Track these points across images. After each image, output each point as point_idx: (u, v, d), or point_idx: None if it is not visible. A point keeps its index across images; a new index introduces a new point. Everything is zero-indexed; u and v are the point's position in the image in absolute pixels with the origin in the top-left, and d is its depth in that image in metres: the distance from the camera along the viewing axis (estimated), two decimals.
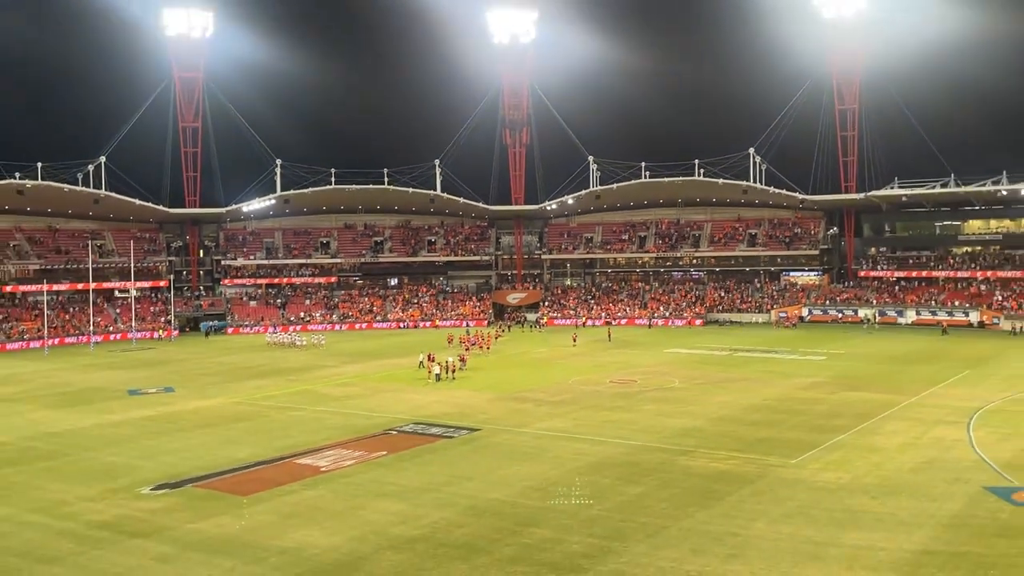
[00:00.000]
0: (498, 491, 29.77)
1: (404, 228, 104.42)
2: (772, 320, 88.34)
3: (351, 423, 41.51)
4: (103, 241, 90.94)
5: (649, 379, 54.36)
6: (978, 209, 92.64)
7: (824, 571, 22.23)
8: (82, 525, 26.78)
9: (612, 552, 23.71)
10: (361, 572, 22.66)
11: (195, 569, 23.00)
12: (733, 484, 30.40)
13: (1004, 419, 40.71)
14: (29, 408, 47.15)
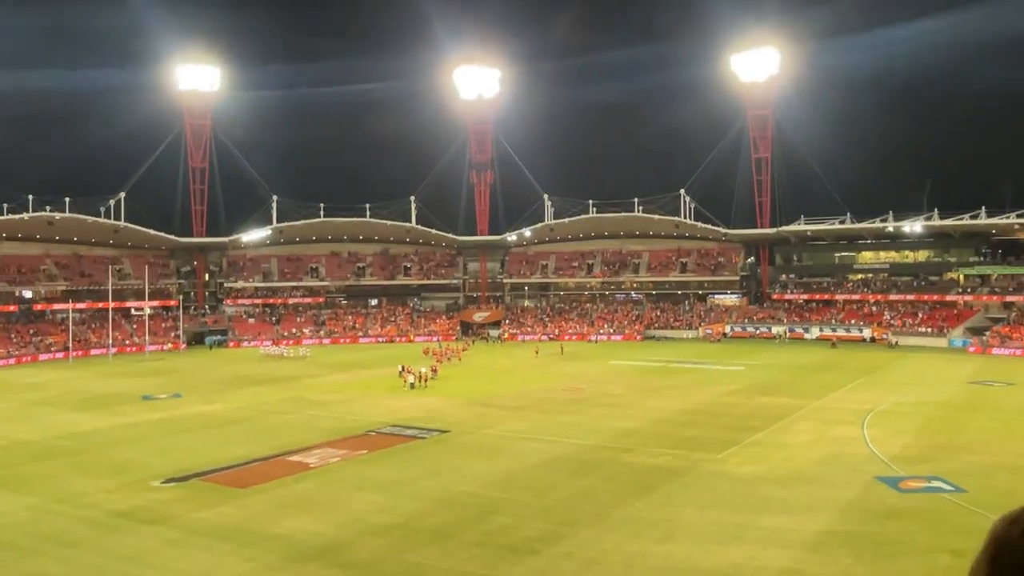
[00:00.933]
0: (464, 484, 29.82)
1: (383, 255, 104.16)
2: (700, 335, 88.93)
3: (336, 425, 41.26)
4: (121, 266, 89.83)
5: (596, 387, 54.56)
6: (870, 242, 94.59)
7: (744, 550, 22.51)
8: (100, 513, 26.56)
9: (563, 536, 23.85)
10: (345, 555, 22.59)
11: (199, 552, 22.84)
12: (667, 477, 30.69)
13: (892, 419, 41.35)
14: (55, 411, 46.51)
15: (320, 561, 22.11)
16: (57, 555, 22.71)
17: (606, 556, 22.20)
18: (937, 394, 49.91)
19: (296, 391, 53.61)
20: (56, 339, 78.12)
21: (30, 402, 50.02)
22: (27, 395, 52.97)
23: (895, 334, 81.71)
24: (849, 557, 21.88)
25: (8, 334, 77.36)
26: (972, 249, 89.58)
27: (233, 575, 21.24)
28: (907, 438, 36.96)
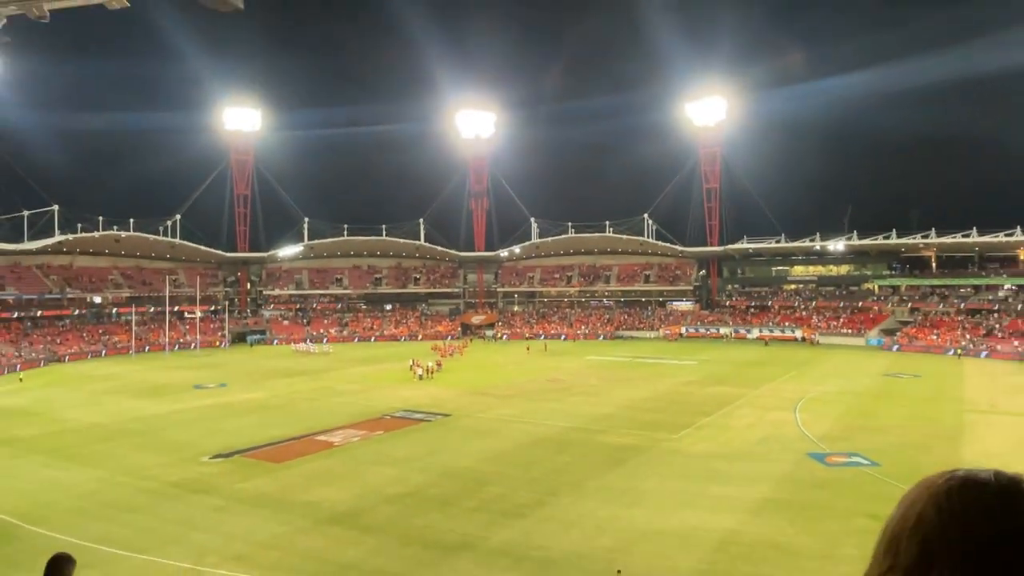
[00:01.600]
0: (464, 460, 29.86)
1: (397, 268, 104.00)
2: (660, 335, 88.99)
3: (356, 410, 41.20)
4: (177, 276, 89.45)
5: (574, 378, 54.69)
6: (800, 258, 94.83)
7: (696, 514, 22.62)
8: (157, 484, 26.52)
9: (546, 503, 23.93)
10: (364, 519, 22.61)
11: (240, 517, 22.81)
12: (633, 453, 30.78)
13: (819, 405, 41.56)
14: (120, 398, 46.29)
15: (343, 524, 22.12)
16: (120, 519, 22.65)
17: (582, 519, 22.28)
18: (856, 384, 50.23)
19: (323, 382, 53.53)
20: (121, 337, 77.77)
21: (99, 391, 49.76)
22: (96, 385, 52.71)
23: (821, 335, 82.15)
24: (784, 520, 22.02)
25: (81, 333, 77.02)
26: (885, 264, 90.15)
27: (270, 536, 21.20)
28: (831, 421, 37.18)
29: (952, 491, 1.04)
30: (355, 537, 21.08)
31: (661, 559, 19.13)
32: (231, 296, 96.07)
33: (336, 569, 18.80)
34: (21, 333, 72.40)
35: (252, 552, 19.93)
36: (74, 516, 22.82)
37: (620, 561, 18.15)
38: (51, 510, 23.42)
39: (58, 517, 22.66)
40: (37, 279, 79.39)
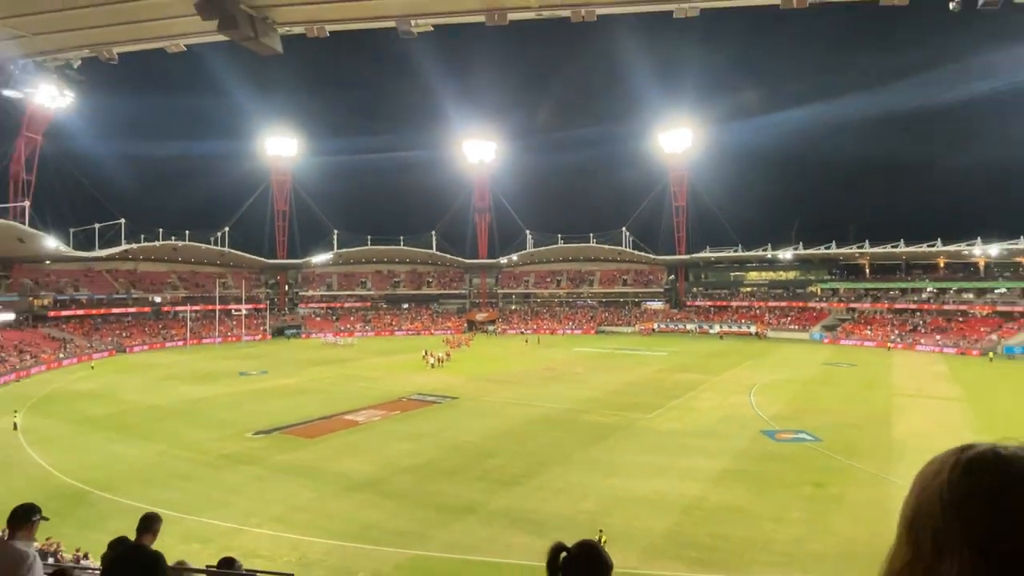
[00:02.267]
0: (469, 436, 29.82)
1: (412, 273, 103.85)
2: (636, 330, 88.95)
3: (378, 393, 41.14)
4: (225, 279, 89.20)
5: (563, 367, 54.72)
6: (754, 265, 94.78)
7: (667, 482, 22.63)
8: (209, 456, 26.50)
9: (539, 473, 23.93)
10: (384, 486, 22.61)
11: (279, 484, 22.79)
12: (613, 431, 30.79)
13: (770, 390, 41.60)
14: (176, 383, 46.12)
15: (366, 491, 22.10)
16: (177, 486, 22.61)
17: (569, 487, 22.28)
18: (801, 373, 50.29)
19: (349, 370, 53.43)
20: (177, 332, 77.54)
21: (157, 377, 49.62)
22: (155, 372, 52.54)
23: (772, 330, 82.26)
24: (741, 488, 22.04)
25: (143, 328, 76.80)
26: (826, 270, 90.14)
27: (304, 500, 21.18)
28: (781, 403, 37.20)
29: (954, 480, 0.89)
30: (376, 501, 21.06)
31: (637, 520, 19.13)
32: (272, 296, 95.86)
33: (360, 528, 18.76)
34: (92, 328, 72.24)
35: (288, 514, 19.92)
36: (137, 484, 22.79)
37: (601, 522, 18.13)
38: (117, 479, 23.40)
39: (123, 485, 22.64)
40: (107, 282, 79.26)
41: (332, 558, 16.85)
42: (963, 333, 68.47)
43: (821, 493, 21.45)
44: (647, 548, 17.24)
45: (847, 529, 18.03)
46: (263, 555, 16.74)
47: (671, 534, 18.22)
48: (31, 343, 60.65)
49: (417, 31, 6.70)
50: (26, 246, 62.45)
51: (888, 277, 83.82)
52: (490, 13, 6.39)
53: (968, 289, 75.15)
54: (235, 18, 5.85)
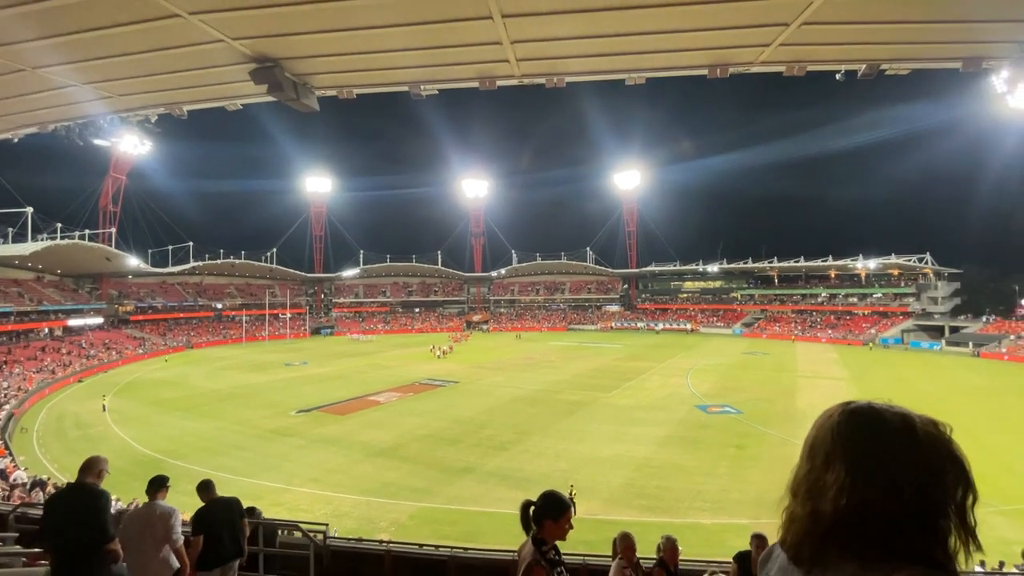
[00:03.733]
0: (468, 411, 29.61)
1: (422, 284, 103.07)
2: (598, 328, 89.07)
3: (395, 379, 40.80)
4: (273, 289, 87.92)
5: (540, 356, 54.65)
6: (690, 276, 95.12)
7: (623, 446, 22.59)
8: (259, 431, 25.98)
9: (522, 441, 23.79)
10: (400, 452, 22.34)
11: (317, 451, 22.44)
12: (580, 407, 30.72)
13: (703, 373, 41.88)
14: (233, 372, 45.36)
15: (386, 456, 21.84)
16: (234, 455, 22.19)
17: (546, 451, 22.19)
18: (726, 360, 50.65)
19: (372, 360, 52.97)
20: (234, 331, 76.27)
21: (218, 367, 48.80)
22: (216, 363, 51.70)
23: (703, 327, 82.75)
24: (680, 449, 22.09)
25: (207, 328, 75.48)
26: (744, 280, 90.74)
27: (336, 463, 20.88)
28: (711, 383, 37.42)
29: (842, 420, 1.09)
30: (394, 464, 20.82)
31: (599, 476, 19.09)
32: (310, 303, 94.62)
33: (380, 486, 18.53)
34: (166, 328, 70.90)
35: (324, 476, 19.62)
36: (201, 453, 22.35)
37: (572, 478, 18.08)
38: (186, 449, 22.93)
39: (191, 454, 22.19)
40: (177, 292, 77.90)
41: (359, 510, 16.61)
42: (849, 328, 69.43)
43: (741, 453, 21.58)
44: (607, 498, 17.20)
45: (761, 481, 18.13)
46: (303, 509, 16.46)
47: (626, 487, 18.21)
48: (116, 341, 59.41)
49: (425, 94, 6.72)
50: (112, 264, 61.45)
51: (792, 285, 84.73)
52: (482, 80, 6.43)
53: (853, 294, 76.15)
54: (281, 84, 5.83)
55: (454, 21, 4.93)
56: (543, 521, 2.30)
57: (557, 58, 5.97)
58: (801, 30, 5.03)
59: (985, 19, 5.00)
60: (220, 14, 4.73)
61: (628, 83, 6.50)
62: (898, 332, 64.19)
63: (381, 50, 5.69)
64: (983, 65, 5.82)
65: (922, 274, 68.50)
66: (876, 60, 5.90)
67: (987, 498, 16.46)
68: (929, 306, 66.62)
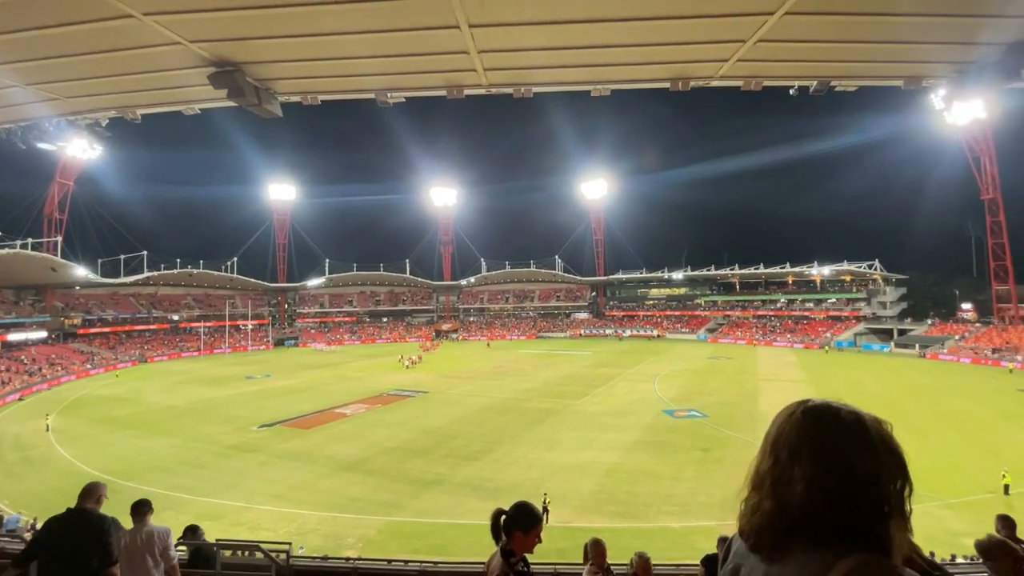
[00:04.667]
0: (437, 422, 29.22)
1: (390, 293, 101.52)
2: (568, 335, 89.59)
3: (363, 390, 39.92)
4: (234, 300, 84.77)
5: (510, 365, 54.56)
6: (655, 284, 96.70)
7: (593, 453, 22.72)
8: (218, 447, 24.90)
9: (493, 450, 23.63)
10: (367, 465, 21.84)
11: (279, 467, 21.70)
12: (550, 414, 30.76)
13: (669, 378, 42.61)
14: (190, 387, 43.37)
15: (352, 470, 21.30)
16: (191, 473, 21.19)
17: (517, 460, 22.11)
18: (692, 364, 51.71)
19: (338, 371, 51.70)
20: (192, 344, 73.16)
21: (174, 382, 46.62)
22: (172, 378, 49.38)
23: (669, 333, 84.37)
24: (648, 454, 22.38)
25: (162, 341, 72.15)
26: (708, 287, 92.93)
27: (301, 479, 20.22)
28: (677, 388, 38.10)
29: (805, 418, 1.17)
30: (361, 478, 20.31)
31: (570, 484, 19.13)
32: (274, 313, 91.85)
33: (347, 501, 18.03)
34: (117, 342, 67.35)
35: (287, 492, 18.96)
36: (156, 472, 21.24)
37: (544, 487, 18.04)
38: (138, 469, 21.74)
39: (144, 474, 21.05)
40: (130, 304, 74.24)
41: (325, 527, 16.10)
42: (806, 332, 72.15)
43: (707, 456, 22.02)
44: (578, 505, 17.23)
45: (726, 483, 18.51)
46: (266, 527, 15.84)
47: (596, 493, 18.30)
48: (61, 356, 56.03)
49: (392, 101, 6.67)
50: (58, 274, 58.02)
51: (752, 291, 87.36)
52: (450, 88, 6.43)
53: (809, 300, 79.22)
54: (242, 89, 5.67)
55: (421, 29, 4.92)
56: (513, 532, 2.28)
57: (524, 68, 6.03)
58: (757, 47, 5.25)
59: (924, 41, 5.34)
60: (177, 16, 4.57)
61: (594, 94, 6.63)
62: (851, 335, 67.09)
63: (346, 56, 5.62)
64: (923, 84, 6.20)
65: (872, 280, 72.00)
66: (826, 77, 6.22)
67: (935, 493, 17.34)
68: (879, 310, 70.06)
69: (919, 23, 4.88)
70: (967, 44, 5.28)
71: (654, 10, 4.65)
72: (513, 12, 4.65)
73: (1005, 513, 5.16)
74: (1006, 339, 53.79)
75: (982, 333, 57.04)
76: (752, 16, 4.69)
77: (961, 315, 65.56)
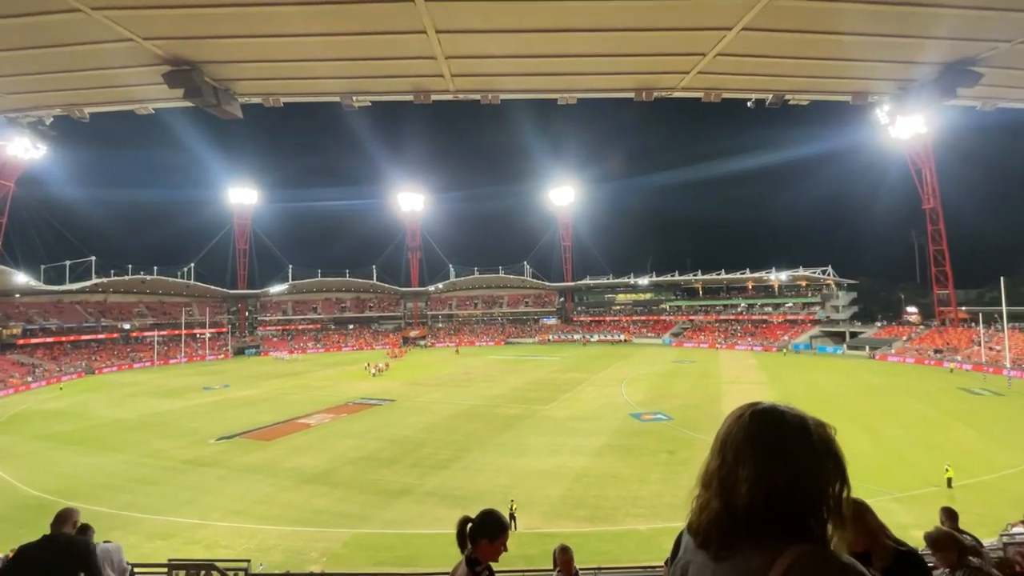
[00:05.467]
0: (405, 431, 28.78)
1: (356, 299, 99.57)
2: (536, 341, 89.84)
3: (327, 399, 38.92)
4: (191, 308, 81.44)
5: (479, 371, 54.28)
6: (622, 289, 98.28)
7: (562, 458, 22.80)
8: (172, 462, 23.77)
9: (462, 458, 23.43)
10: (332, 477, 21.30)
11: (239, 482, 20.89)
12: (519, 420, 30.75)
13: (636, 382, 43.27)
14: (143, 399, 41.25)
15: (316, 482, 20.71)
16: (142, 491, 20.12)
17: (486, 467, 21.98)
18: (658, 368, 52.69)
19: (302, 380, 50.25)
20: (145, 354, 69.71)
21: (125, 395, 44.27)
22: (123, 390, 46.89)
23: (635, 338, 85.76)
24: (616, 458, 22.64)
25: (112, 352, 68.50)
26: (672, 292, 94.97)
27: (261, 493, 19.51)
28: (643, 392, 38.74)
29: (753, 420, 1.22)
30: (325, 490, 19.76)
31: (539, 489, 19.14)
32: (233, 321, 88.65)
33: (310, 514, 17.49)
34: (62, 353, 63.50)
35: (247, 507, 18.24)
36: (103, 491, 20.06)
37: (512, 493, 17.98)
38: (83, 487, 20.49)
39: (90, 492, 19.85)
40: (76, 312, 70.18)
41: (287, 542, 15.56)
42: (765, 336, 74.74)
43: (673, 458, 22.42)
44: (547, 511, 17.25)
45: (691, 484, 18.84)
46: (223, 545, 15.18)
47: (565, 498, 18.37)
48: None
49: (358, 105, 6.57)
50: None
51: (715, 296, 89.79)
52: (417, 93, 6.39)
53: (768, 304, 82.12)
54: (200, 89, 5.47)
55: (387, 33, 4.88)
56: (479, 541, 2.26)
57: (491, 75, 6.06)
58: (716, 60, 5.44)
59: (869, 59, 5.65)
60: (129, 11, 4.38)
61: (560, 103, 6.71)
62: (807, 338, 69.89)
63: (309, 59, 5.51)
64: (869, 99, 6.57)
65: (825, 285, 75.31)
66: (781, 91, 6.50)
67: (886, 488, 18.18)
68: (832, 313, 73.29)
69: (864, 42, 5.17)
70: (908, 63, 5.62)
71: (618, 22, 4.76)
72: (480, 19, 4.68)
73: (948, 506, 5.46)
74: (946, 340, 57.14)
75: (925, 335, 60.43)
76: (711, 31, 4.87)
77: (906, 318, 69.30)
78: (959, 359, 51.67)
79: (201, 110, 5.92)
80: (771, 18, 4.63)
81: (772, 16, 4.56)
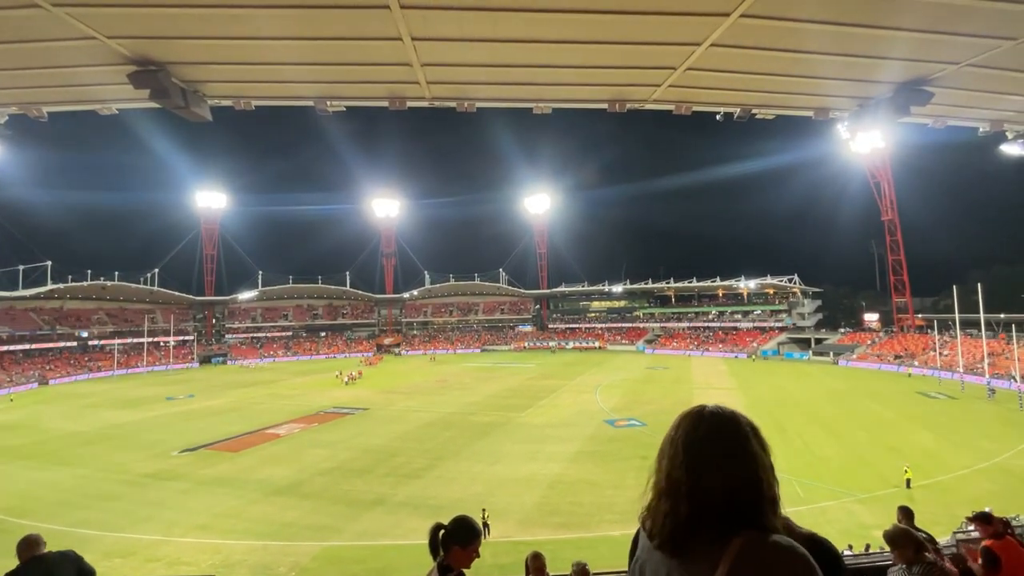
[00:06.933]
0: (378, 440, 28.33)
1: (329, 306, 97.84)
2: (512, 348, 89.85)
3: (298, 408, 38.00)
4: (155, 315, 78.58)
5: (454, 379, 53.89)
6: (597, 297, 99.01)
7: (537, 465, 22.79)
8: (134, 476, 22.83)
9: (436, 466, 23.20)
10: (302, 489, 20.78)
11: (204, 496, 20.16)
12: (495, 428, 30.66)
13: (610, 389, 43.66)
14: (101, 410, 39.48)
15: (286, 494, 20.16)
16: (99, 507, 19.22)
17: (461, 475, 21.80)
18: (632, 375, 53.29)
19: (271, 389, 48.96)
20: (104, 363, 66.87)
21: (83, 405, 42.32)
22: (81, 401, 44.80)
23: (610, 344, 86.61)
24: (591, 464, 22.75)
25: (68, 361, 65.45)
26: (646, 299, 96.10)
27: (227, 508, 18.86)
28: (618, 398, 39.10)
29: (688, 427, 1.34)
30: (295, 502, 19.25)
31: (514, 497, 19.07)
32: (200, 329, 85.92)
33: (279, 528, 17.00)
34: (13, 362, 60.38)
35: (212, 522, 17.60)
36: (57, 507, 19.08)
37: (486, 502, 17.85)
38: (36, 504, 19.44)
39: (42, 509, 18.85)
40: (29, 319, 66.89)
41: (254, 557, 15.06)
42: (735, 342, 76.48)
43: (647, 464, 22.34)
44: (522, 519, 17.19)
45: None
46: (186, 561, 14.60)
47: (540, 505, 18.35)
48: None
49: (332, 110, 6.51)
50: None
51: (687, 304, 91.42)
52: (392, 100, 6.37)
53: (738, 311, 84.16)
54: (167, 90, 5.32)
55: (362, 39, 4.86)
56: (451, 547, 2.25)
57: (467, 83, 6.09)
58: (686, 74, 5.60)
59: (829, 77, 5.91)
60: (92, 9, 4.25)
61: (535, 112, 6.79)
62: (775, 344, 71.84)
63: (282, 62, 5.44)
64: (830, 115, 6.86)
65: (792, 293, 77.68)
66: (748, 105, 6.73)
67: (849, 490, 18.76)
68: (799, 320, 75.60)
69: (825, 61, 5.41)
70: (865, 82, 5.90)
71: (590, 35, 4.86)
72: (455, 28, 4.71)
73: (905, 504, 5.68)
74: (904, 346, 59.58)
75: (885, 341, 62.87)
76: (681, 46, 5.02)
77: (867, 325, 72.01)
78: (916, 364, 53.90)
79: (168, 111, 5.77)
80: (738, 35, 4.80)
81: (739, 33, 4.73)
